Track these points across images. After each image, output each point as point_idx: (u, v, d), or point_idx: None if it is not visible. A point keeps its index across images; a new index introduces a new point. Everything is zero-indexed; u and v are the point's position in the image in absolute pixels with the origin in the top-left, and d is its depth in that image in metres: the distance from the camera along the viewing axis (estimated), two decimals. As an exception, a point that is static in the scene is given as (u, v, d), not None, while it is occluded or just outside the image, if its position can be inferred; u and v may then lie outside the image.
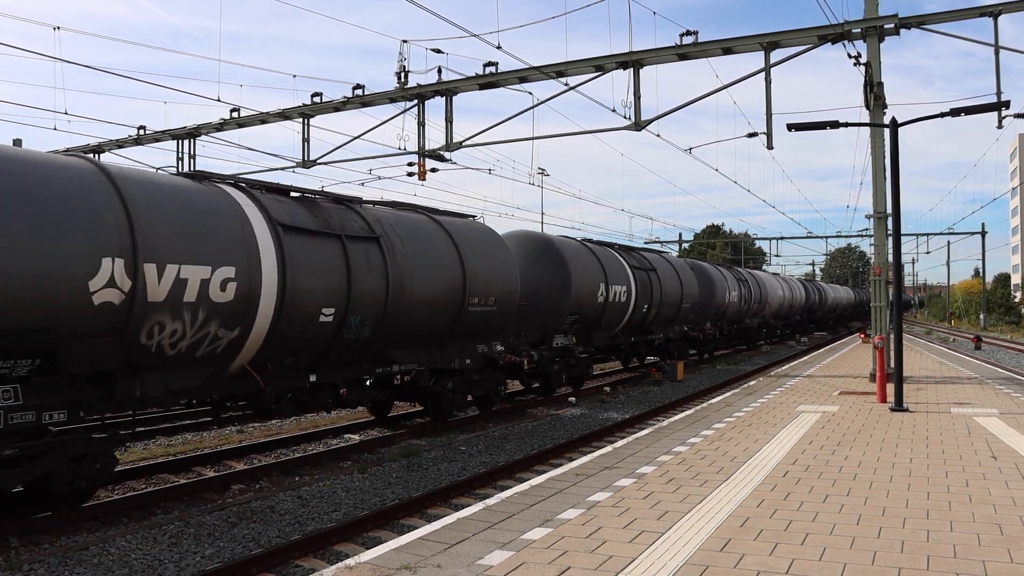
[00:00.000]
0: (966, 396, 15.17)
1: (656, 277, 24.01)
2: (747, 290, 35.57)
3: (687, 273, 27.46)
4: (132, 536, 8.14)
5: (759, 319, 39.46)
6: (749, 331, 38.23)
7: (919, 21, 17.19)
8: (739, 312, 34.44)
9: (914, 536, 6.07)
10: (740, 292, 34.12)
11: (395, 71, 20.82)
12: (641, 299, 22.40)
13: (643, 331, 24.03)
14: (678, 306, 25.84)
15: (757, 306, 37.85)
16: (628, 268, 21.97)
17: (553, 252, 18.33)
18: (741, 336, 37.92)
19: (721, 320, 32.04)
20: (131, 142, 26.77)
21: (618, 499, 7.38)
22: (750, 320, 37.67)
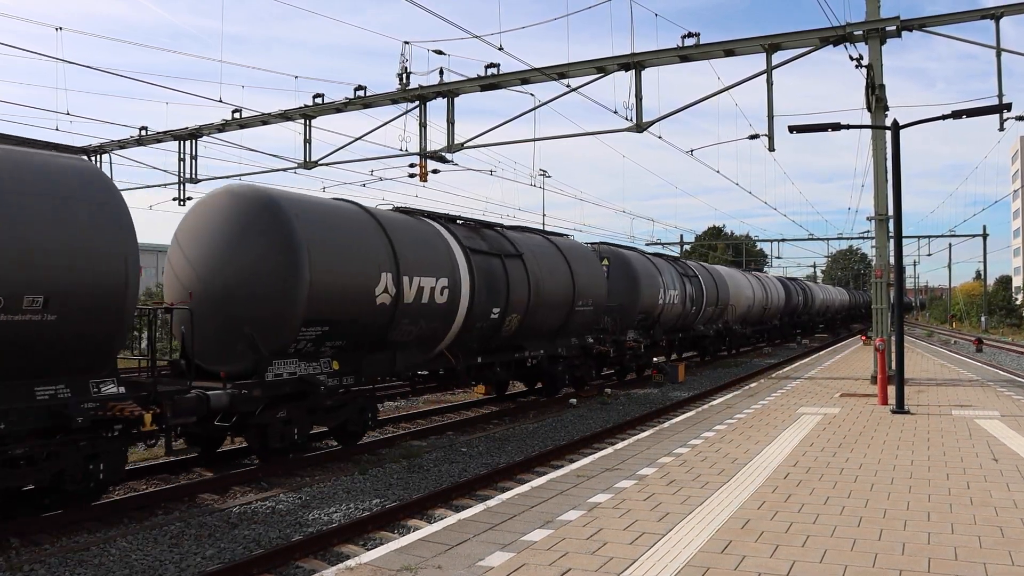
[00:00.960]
0: (967, 398, 15.16)
1: (517, 266, 16.34)
2: (695, 289, 28.21)
3: (584, 262, 19.31)
4: (133, 536, 8.14)
5: (719, 325, 31.87)
6: (703, 340, 30.79)
7: (921, 23, 17.19)
8: (684, 317, 27.16)
9: (915, 538, 6.07)
10: (685, 291, 26.91)
11: (397, 72, 20.84)
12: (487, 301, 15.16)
13: (507, 348, 16.77)
14: (567, 308, 18.04)
15: (713, 309, 30.61)
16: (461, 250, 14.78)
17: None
18: (695, 346, 30.99)
19: (654, 327, 24.20)
20: (133, 143, 26.80)
21: (619, 500, 7.38)
22: (705, 327, 30.16)
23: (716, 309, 30.66)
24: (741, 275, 37.15)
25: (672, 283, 25.75)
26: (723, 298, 31.43)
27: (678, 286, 26.30)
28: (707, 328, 30.43)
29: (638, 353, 23.05)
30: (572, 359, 19.39)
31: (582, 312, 18.82)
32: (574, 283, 18.34)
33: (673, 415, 16.13)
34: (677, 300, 25.97)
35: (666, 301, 24.88)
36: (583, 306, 18.77)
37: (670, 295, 25.25)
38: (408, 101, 21.46)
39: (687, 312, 27.35)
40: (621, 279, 22.63)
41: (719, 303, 30.92)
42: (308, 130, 23.55)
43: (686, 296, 26.97)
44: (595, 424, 15.81)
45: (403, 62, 20.80)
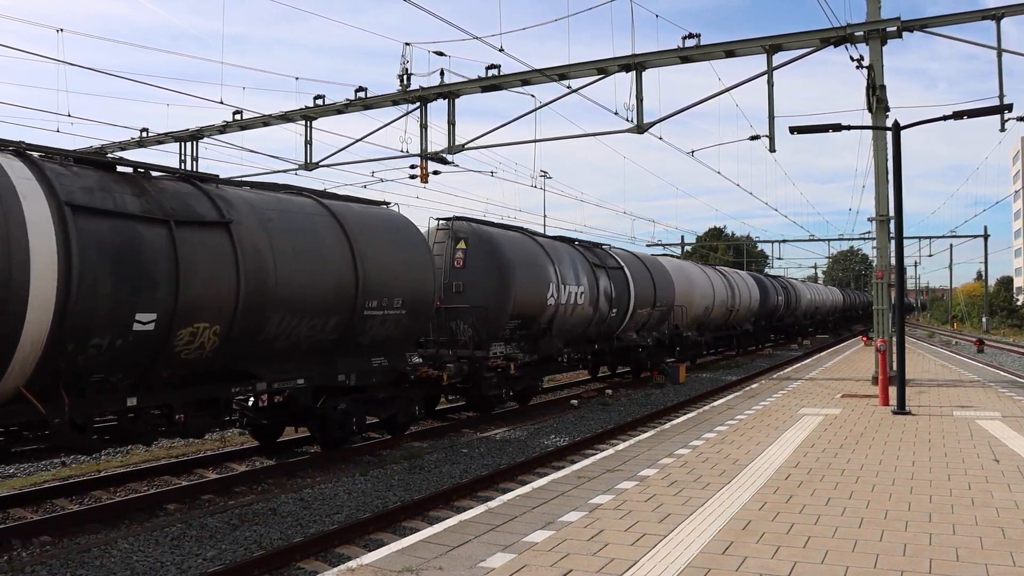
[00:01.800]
0: (968, 399, 15.14)
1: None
2: (617, 284, 20.88)
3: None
4: (134, 538, 8.14)
5: (663, 332, 24.81)
6: (635, 353, 23.31)
7: (921, 24, 17.19)
8: (598, 322, 20.08)
9: (916, 539, 6.06)
10: (598, 288, 19.70)
11: (398, 73, 20.83)
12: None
13: None
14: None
15: (650, 312, 23.20)
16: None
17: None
18: (623, 360, 23.80)
19: (543, 337, 17.46)
20: (134, 144, 26.83)
21: (620, 501, 7.38)
22: (640, 334, 23.19)
23: (655, 312, 23.60)
24: (697, 270, 30.10)
25: (574, 276, 18.52)
26: (665, 297, 24.25)
27: (585, 281, 19.00)
28: (643, 336, 23.14)
29: (508, 375, 16.16)
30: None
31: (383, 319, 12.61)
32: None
33: (674, 416, 16.13)
34: (584, 299, 18.90)
35: (562, 300, 17.75)
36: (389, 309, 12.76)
37: (569, 292, 18.12)
38: (409, 102, 21.47)
39: (602, 316, 20.11)
40: (483, 269, 15.94)
41: (659, 304, 23.65)
42: (309, 131, 23.58)
43: (599, 294, 19.74)
44: (596, 425, 15.81)
45: (404, 63, 20.82)
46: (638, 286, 22.27)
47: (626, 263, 22.35)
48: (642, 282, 22.71)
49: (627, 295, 21.57)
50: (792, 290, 47.38)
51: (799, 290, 50.09)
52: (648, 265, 24.15)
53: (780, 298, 42.88)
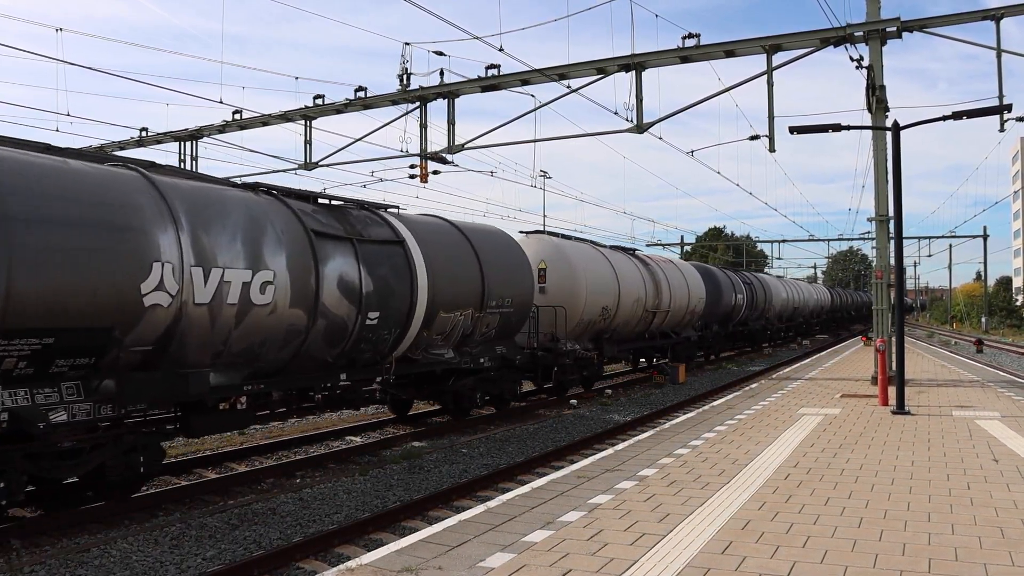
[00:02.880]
0: (968, 399, 15.15)
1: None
2: (355, 270, 11.72)
3: None
4: (134, 538, 8.14)
5: (506, 348, 15.79)
6: (433, 382, 14.94)
7: (921, 24, 17.20)
8: (280, 343, 10.47)
9: (915, 539, 6.07)
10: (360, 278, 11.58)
11: (397, 73, 20.85)
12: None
13: None
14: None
15: (475, 319, 14.57)
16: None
17: None
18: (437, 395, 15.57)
19: None
20: (133, 144, 26.83)
21: (619, 501, 7.38)
22: (464, 352, 14.42)
23: (490, 315, 15.00)
24: (588, 254, 20.44)
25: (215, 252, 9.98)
26: (512, 293, 15.64)
27: (274, 264, 10.55)
28: (469, 354, 14.75)
29: None
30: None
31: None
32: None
33: (673, 416, 16.13)
34: (262, 295, 11.18)
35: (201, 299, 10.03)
36: None
37: (223, 283, 10.23)
38: (408, 102, 21.48)
39: (338, 327, 11.32)
40: None
41: (496, 303, 15.09)
42: (308, 131, 23.58)
43: (316, 287, 11.05)
44: (595, 425, 15.81)
45: (403, 63, 20.83)
46: (438, 272, 13.35)
47: (414, 230, 13.36)
48: (450, 266, 13.85)
49: (408, 288, 12.55)
50: (760, 287, 38.68)
51: (771, 288, 41.18)
52: (472, 238, 15.01)
53: (740, 296, 34.15)
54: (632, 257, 23.80)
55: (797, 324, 49.64)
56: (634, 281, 22.26)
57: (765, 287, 39.79)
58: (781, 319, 44.08)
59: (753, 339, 38.89)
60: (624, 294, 21.17)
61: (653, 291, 23.68)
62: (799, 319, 49.79)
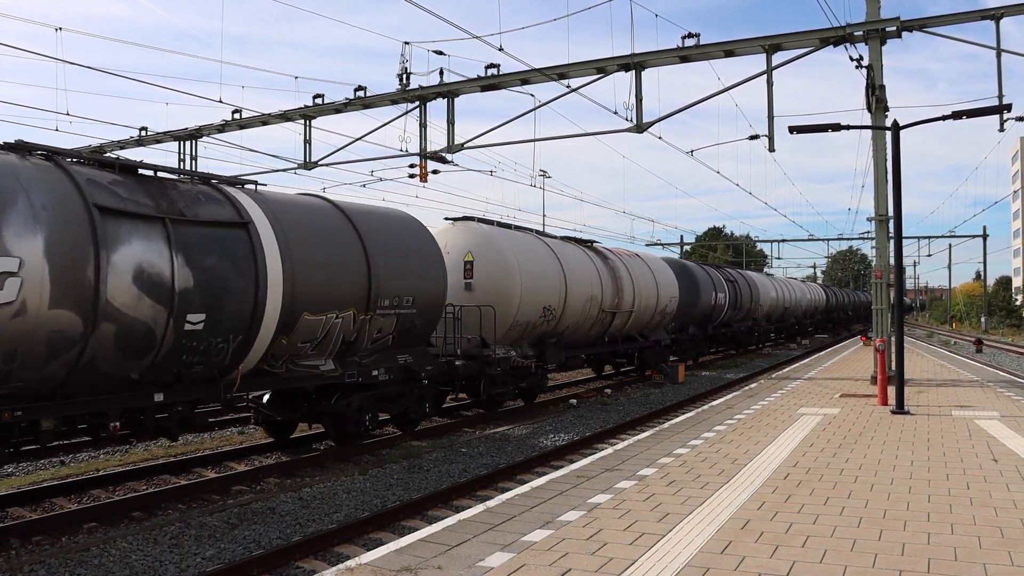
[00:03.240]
0: (967, 399, 15.16)
1: None
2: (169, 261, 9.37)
3: None
4: (133, 537, 8.14)
5: (413, 357, 13.08)
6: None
7: (921, 24, 17.20)
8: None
9: (915, 539, 6.07)
10: None
11: (397, 73, 20.84)
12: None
13: None
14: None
15: (360, 321, 11.67)
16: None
17: None
18: None
19: None
20: (133, 143, 26.82)
21: (619, 501, 7.38)
22: (352, 363, 11.80)
23: (382, 318, 12.26)
24: (530, 243, 17.65)
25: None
26: (412, 288, 12.86)
27: None
28: (345, 369, 11.97)
29: None
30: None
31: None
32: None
33: (673, 415, 16.13)
34: None
35: None
36: None
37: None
38: (408, 101, 21.47)
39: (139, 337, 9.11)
40: None
41: (388, 303, 12.31)
42: (308, 131, 23.57)
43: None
44: (595, 424, 15.81)
45: (403, 63, 20.83)
46: (300, 264, 10.89)
47: (270, 209, 10.90)
48: (319, 255, 11.24)
49: (251, 284, 10.11)
50: (746, 285, 35.67)
51: (758, 286, 38.21)
52: (358, 221, 12.24)
53: (722, 296, 31.42)
54: (588, 250, 20.88)
55: (789, 325, 46.40)
56: (587, 277, 19.29)
57: (751, 285, 36.75)
58: (770, 320, 41.11)
59: (738, 342, 36.12)
60: (573, 292, 18.30)
61: (612, 289, 20.64)
62: (791, 320, 46.61)
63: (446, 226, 16.94)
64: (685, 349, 28.32)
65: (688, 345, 28.51)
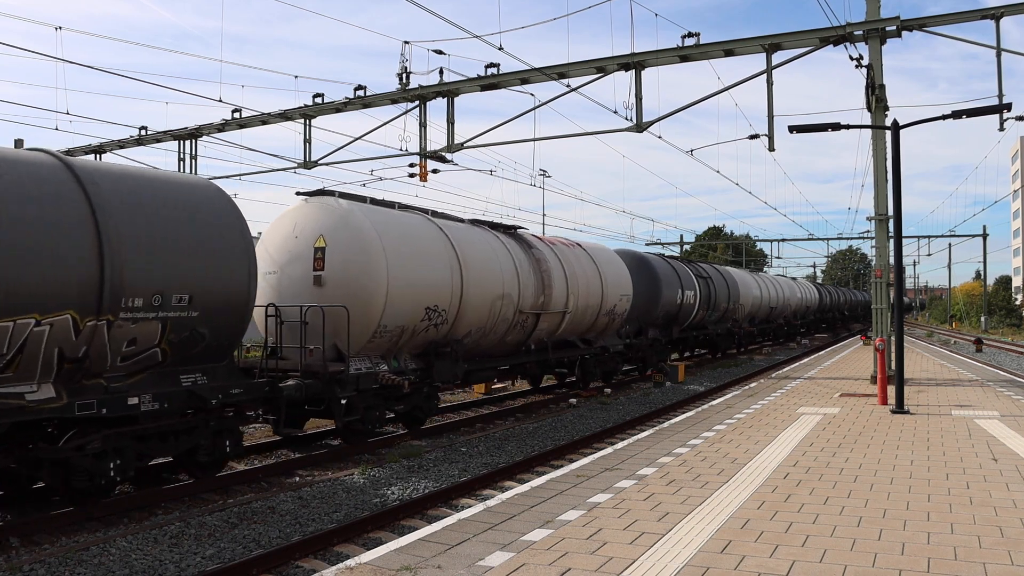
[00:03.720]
0: (967, 398, 15.16)
1: None
2: None
3: None
4: (133, 536, 8.14)
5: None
6: None
7: (921, 23, 17.20)
8: None
9: (915, 538, 6.07)
10: None
11: (397, 72, 20.83)
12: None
13: None
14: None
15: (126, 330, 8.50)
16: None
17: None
18: None
19: None
20: (132, 142, 26.82)
21: (619, 500, 7.38)
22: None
23: (144, 328, 8.91)
24: (428, 231, 14.20)
25: None
26: (216, 288, 9.76)
27: None
28: (75, 399, 8.47)
29: None
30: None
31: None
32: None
33: (673, 415, 16.14)
34: None
35: None
36: None
37: None
38: (408, 101, 21.47)
39: None
40: None
41: (184, 301, 9.32)
42: (308, 130, 23.57)
43: None
44: (595, 424, 15.81)
45: (403, 62, 20.82)
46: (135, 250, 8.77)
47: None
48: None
49: None
50: (722, 282, 31.01)
51: (737, 284, 33.43)
52: (91, 184, 8.68)
53: (691, 293, 26.62)
54: (504, 235, 16.95)
55: (776, 327, 42.44)
56: (497, 269, 15.44)
57: (729, 282, 31.97)
58: (753, 321, 37.06)
59: (714, 346, 32.28)
60: (474, 287, 14.53)
61: (535, 284, 16.71)
62: (778, 320, 42.35)
63: (298, 203, 13.31)
64: (644, 357, 24.29)
65: (646, 352, 24.30)
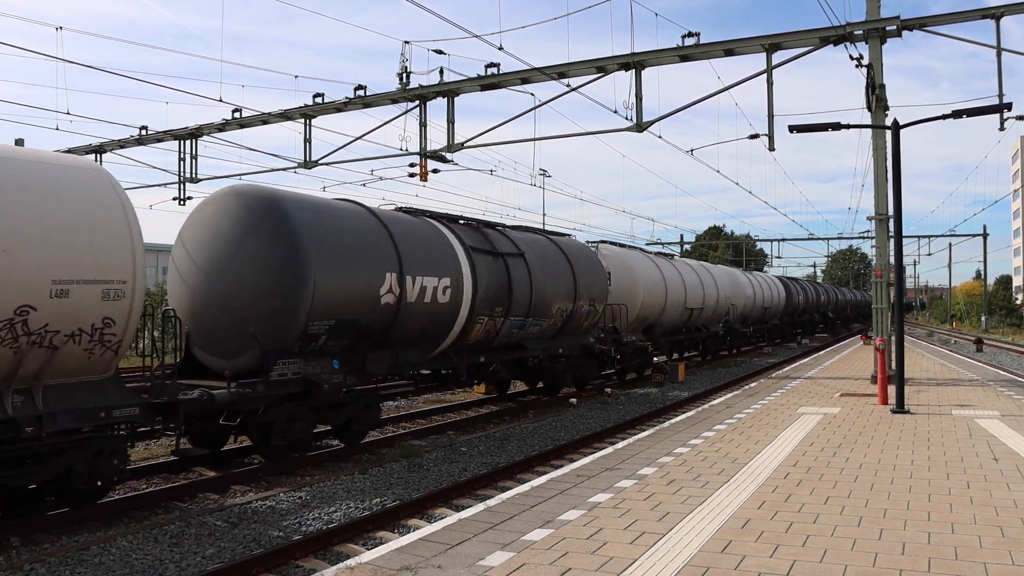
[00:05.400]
0: (967, 398, 15.15)
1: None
2: None
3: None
4: (133, 536, 8.14)
5: None
6: None
7: (921, 23, 17.20)
8: None
9: (915, 538, 6.07)
10: None
11: (397, 72, 20.84)
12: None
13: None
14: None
15: None
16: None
17: None
18: None
19: None
20: (133, 142, 26.82)
21: (619, 500, 7.38)
22: None
23: None
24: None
25: None
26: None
27: None
28: None
29: None
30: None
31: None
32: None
33: (673, 415, 16.13)
34: None
35: None
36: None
37: None
38: (408, 101, 21.47)
39: None
40: None
41: None
42: (308, 130, 23.57)
43: None
44: (595, 424, 15.80)
45: (403, 62, 20.82)
46: None
47: None
48: None
49: None
50: (563, 265, 17.95)
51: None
52: None
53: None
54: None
55: (704, 336, 29.37)
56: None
57: (578, 266, 18.54)
58: (669, 332, 25.54)
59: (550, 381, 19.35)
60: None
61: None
62: (709, 331, 29.52)
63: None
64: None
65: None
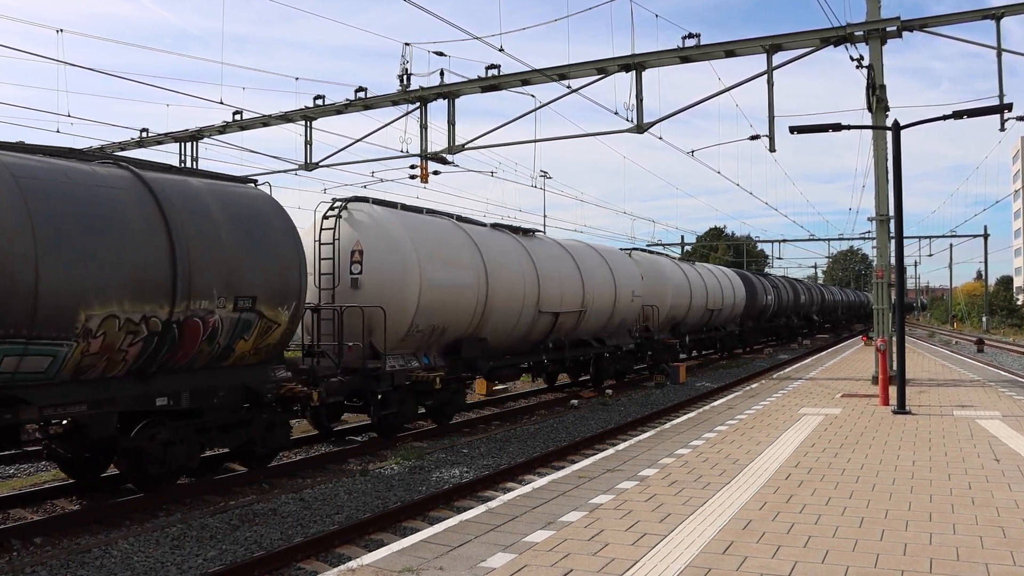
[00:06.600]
0: (968, 399, 15.14)
1: None
2: None
3: None
4: (135, 538, 8.14)
5: None
6: None
7: (921, 23, 17.20)
8: None
9: (917, 539, 6.06)
10: None
11: (397, 74, 20.83)
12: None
13: None
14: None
15: None
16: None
17: None
18: None
19: None
20: (133, 144, 26.81)
21: (620, 501, 7.38)
22: None
23: None
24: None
25: None
26: None
27: None
28: None
29: None
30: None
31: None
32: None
33: (674, 416, 16.12)
34: None
35: None
36: None
37: None
38: (409, 102, 21.47)
39: None
40: None
41: None
42: (309, 131, 23.57)
43: None
44: (596, 425, 15.80)
45: (404, 63, 20.81)
46: None
47: None
48: None
49: None
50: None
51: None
52: None
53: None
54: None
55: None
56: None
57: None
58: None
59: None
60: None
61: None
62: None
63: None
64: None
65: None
